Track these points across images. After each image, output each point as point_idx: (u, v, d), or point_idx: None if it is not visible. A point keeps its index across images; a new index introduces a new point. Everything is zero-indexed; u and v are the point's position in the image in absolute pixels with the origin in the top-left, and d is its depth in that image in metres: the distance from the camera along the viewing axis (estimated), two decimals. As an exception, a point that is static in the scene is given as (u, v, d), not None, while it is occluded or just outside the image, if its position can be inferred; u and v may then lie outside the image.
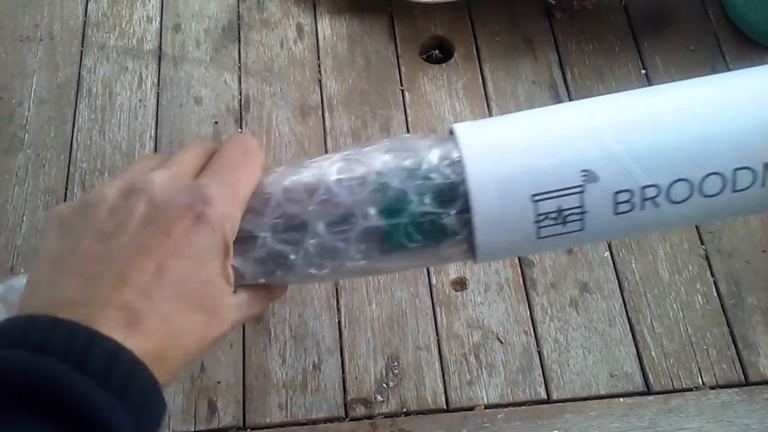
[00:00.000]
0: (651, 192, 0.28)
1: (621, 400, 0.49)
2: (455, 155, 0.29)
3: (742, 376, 0.49)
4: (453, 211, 0.29)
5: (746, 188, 0.28)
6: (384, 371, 0.49)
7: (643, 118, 0.29)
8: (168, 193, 0.27)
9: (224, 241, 0.27)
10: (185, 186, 0.27)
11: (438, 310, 0.52)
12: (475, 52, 0.62)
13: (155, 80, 0.61)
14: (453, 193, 0.29)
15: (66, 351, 0.22)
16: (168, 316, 0.25)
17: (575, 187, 0.28)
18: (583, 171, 0.28)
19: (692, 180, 0.28)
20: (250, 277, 0.29)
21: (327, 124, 0.59)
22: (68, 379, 0.21)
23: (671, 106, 0.30)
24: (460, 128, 0.30)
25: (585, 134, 0.28)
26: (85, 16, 0.65)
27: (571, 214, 0.28)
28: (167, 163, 0.29)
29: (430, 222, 0.29)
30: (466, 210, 0.28)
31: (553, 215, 0.28)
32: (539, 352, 0.50)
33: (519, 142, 0.29)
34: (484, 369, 0.50)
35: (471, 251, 0.30)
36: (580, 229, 0.29)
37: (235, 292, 0.29)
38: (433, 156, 0.29)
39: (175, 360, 0.26)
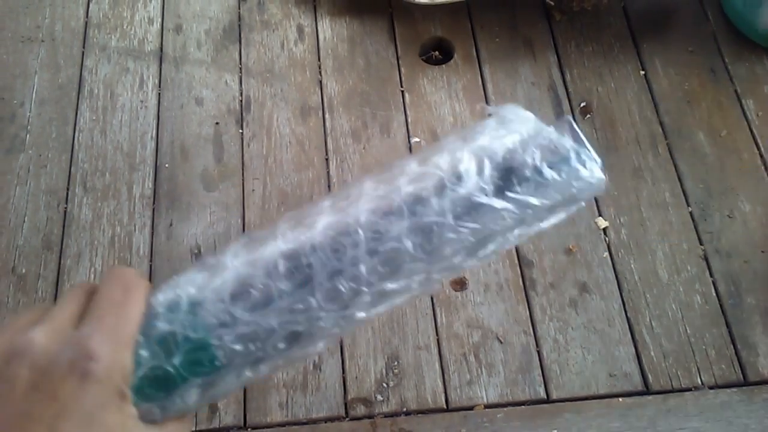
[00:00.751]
0: None
1: (620, 399, 0.49)
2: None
3: (741, 376, 0.50)
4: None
5: None
6: (384, 371, 0.50)
7: None
8: (50, 353, 0.26)
9: (117, 391, 0.26)
10: (66, 341, 0.26)
11: (438, 310, 0.52)
12: (474, 54, 0.63)
13: (156, 81, 0.62)
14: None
15: None
16: None
17: None
18: None
19: None
20: (158, 413, 0.28)
21: (327, 124, 0.59)
22: None
23: None
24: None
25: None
26: (87, 18, 0.65)
27: None
28: (46, 317, 0.27)
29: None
30: None
31: None
32: (539, 352, 0.50)
33: None
34: (483, 369, 0.50)
35: None
36: None
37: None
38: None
39: None
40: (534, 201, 0.28)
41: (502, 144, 0.29)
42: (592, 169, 0.29)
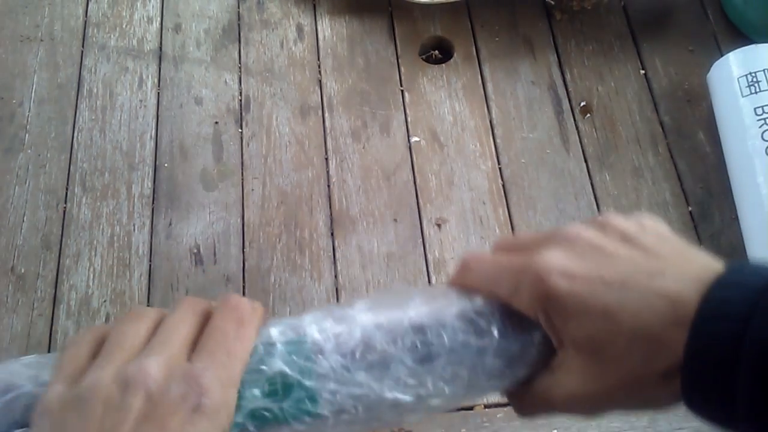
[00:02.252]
0: None
1: (620, 399, 0.49)
2: None
3: (741, 376, 0.49)
4: None
5: None
6: (384, 371, 0.50)
7: None
8: (164, 385, 0.27)
9: (221, 428, 0.27)
10: (180, 374, 0.27)
11: (438, 309, 0.52)
12: (474, 53, 0.63)
13: (156, 80, 0.61)
14: None
15: None
16: None
17: None
18: None
19: None
20: None
21: (327, 124, 0.59)
22: None
23: None
24: None
25: None
26: (86, 17, 0.65)
27: None
28: (161, 343, 0.28)
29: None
30: None
31: None
32: (539, 352, 0.50)
33: None
34: (483, 368, 0.50)
35: None
36: None
37: None
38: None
39: None
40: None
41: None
42: None
